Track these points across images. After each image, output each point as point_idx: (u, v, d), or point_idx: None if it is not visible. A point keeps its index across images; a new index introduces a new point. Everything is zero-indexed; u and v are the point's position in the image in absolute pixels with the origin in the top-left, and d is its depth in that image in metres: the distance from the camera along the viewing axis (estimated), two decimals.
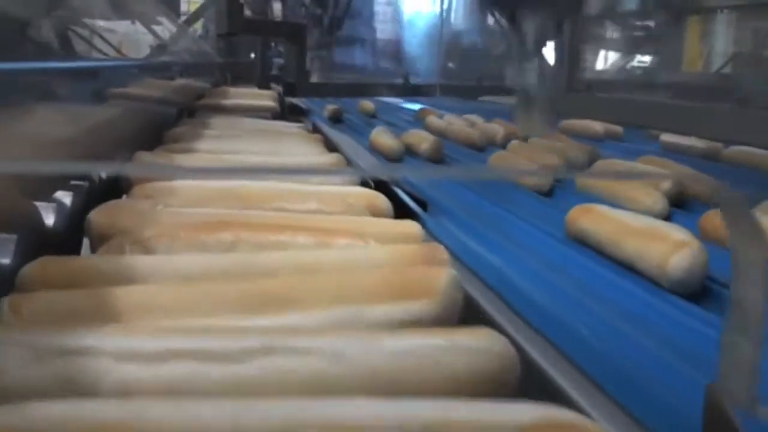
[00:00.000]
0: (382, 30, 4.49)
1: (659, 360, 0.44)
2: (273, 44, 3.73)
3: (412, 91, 3.06)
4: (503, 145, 1.35)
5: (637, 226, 0.66)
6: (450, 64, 4.27)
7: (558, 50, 1.60)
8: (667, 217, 0.82)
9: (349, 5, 4.04)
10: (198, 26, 3.98)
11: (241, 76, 3.21)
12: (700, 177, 0.89)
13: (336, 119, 1.91)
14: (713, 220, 0.73)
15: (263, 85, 2.99)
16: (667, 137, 1.45)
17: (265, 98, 1.75)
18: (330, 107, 1.96)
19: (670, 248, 0.60)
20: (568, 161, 1.16)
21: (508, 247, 0.67)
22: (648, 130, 1.63)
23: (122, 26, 1.75)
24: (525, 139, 1.36)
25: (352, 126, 1.84)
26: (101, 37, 1.14)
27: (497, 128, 1.50)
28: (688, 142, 1.37)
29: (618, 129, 1.62)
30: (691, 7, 2.43)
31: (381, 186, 0.80)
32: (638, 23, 2.74)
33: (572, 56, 2.36)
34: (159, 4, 2.36)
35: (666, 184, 0.88)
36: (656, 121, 1.51)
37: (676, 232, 0.63)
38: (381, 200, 0.65)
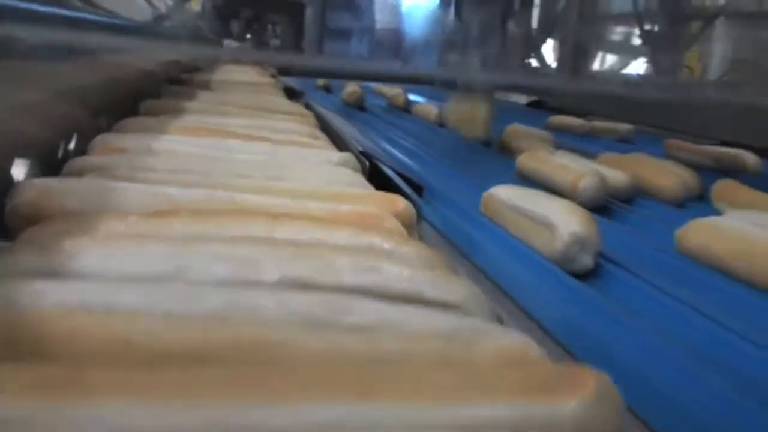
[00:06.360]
0: (381, 20, 4.43)
1: None
2: (270, 25, 3.67)
3: (409, 81, 3.00)
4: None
5: None
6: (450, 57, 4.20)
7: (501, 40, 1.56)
8: None
9: None
10: (196, 4, 3.91)
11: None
12: None
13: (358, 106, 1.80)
14: None
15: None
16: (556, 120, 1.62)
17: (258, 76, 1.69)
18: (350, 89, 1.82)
19: None
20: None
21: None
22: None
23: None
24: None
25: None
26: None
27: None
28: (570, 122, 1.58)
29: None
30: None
31: (375, 167, 0.76)
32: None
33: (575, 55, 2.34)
34: None
35: None
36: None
37: None
38: (403, 205, 0.49)
